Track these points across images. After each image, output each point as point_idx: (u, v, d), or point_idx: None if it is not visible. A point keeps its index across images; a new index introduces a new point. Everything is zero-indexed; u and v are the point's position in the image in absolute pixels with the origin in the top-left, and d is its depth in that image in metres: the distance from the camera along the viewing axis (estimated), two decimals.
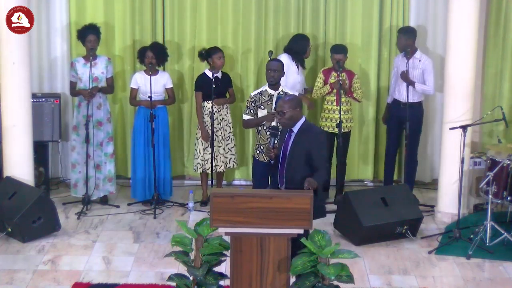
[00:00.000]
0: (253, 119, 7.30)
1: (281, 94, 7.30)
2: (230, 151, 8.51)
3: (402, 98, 8.39)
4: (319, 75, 8.51)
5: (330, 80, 8.42)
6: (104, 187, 8.49)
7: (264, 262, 5.05)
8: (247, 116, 7.33)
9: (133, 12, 8.96)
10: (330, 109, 8.48)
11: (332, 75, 8.43)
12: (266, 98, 7.24)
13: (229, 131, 8.50)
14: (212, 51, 8.40)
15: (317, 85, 8.49)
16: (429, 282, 6.63)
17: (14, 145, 7.83)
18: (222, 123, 8.43)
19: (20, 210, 7.33)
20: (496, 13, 8.94)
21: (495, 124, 8.50)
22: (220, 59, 8.36)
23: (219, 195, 5.04)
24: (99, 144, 8.38)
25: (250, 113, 7.30)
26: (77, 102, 8.45)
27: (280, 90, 7.38)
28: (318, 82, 8.49)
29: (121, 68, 9.04)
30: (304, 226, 5.01)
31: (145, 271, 6.77)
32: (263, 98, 7.26)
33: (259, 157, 7.30)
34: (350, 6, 8.96)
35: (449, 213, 7.90)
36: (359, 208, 7.35)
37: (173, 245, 5.38)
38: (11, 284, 6.48)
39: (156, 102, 8.27)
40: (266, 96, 7.27)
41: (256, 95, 7.32)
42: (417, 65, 8.38)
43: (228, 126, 8.50)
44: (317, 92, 8.49)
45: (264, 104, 7.23)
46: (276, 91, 7.36)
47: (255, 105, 7.27)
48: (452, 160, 7.79)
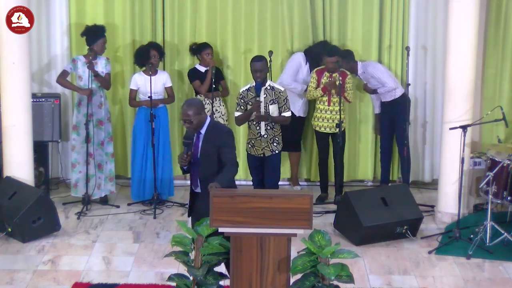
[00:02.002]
0: (242, 114, 7.48)
1: (269, 89, 7.43)
2: None
3: (386, 99, 8.71)
4: (312, 76, 8.53)
5: (322, 81, 8.43)
6: (105, 187, 8.50)
7: (264, 262, 5.05)
8: (237, 113, 7.51)
9: (133, 12, 8.96)
10: (322, 109, 8.49)
11: (324, 75, 8.45)
12: (253, 94, 7.42)
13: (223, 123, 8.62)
14: (201, 47, 8.63)
15: (311, 86, 8.50)
16: (429, 282, 6.63)
17: (14, 145, 7.83)
18: (216, 115, 8.59)
19: (20, 210, 7.33)
20: (496, 13, 8.94)
21: (495, 124, 8.50)
22: (208, 56, 8.58)
23: (219, 195, 5.04)
24: (100, 143, 8.38)
25: (240, 109, 7.48)
26: (77, 101, 8.44)
27: (268, 85, 7.48)
28: (311, 82, 8.50)
29: (121, 68, 9.04)
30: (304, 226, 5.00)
31: (145, 271, 6.77)
32: (250, 94, 7.45)
33: (250, 151, 7.57)
34: (351, 8, 8.96)
35: (449, 213, 7.90)
36: (359, 208, 7.36)
37: (173, 245, 5.37)
38: (11, 284, 6.48)
39: (156, 101, 8.27)
40: (253, 92, 7.45)
41: (244, 91, 7.50)
42: (366, 77, 8.72)
43: (221, 118, 8.66)
44: (310, 93, 8.51)
45: (252, 100, 7.39)
46: (264, 86, 7.45)
47: (244, 102, 7.45)
48: (452, 160, 7.79)
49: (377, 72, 8.64)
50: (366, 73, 8.67)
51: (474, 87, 7.95)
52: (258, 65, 7.42)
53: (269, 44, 8.96)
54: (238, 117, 7.54)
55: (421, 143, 9.25)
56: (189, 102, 5.73)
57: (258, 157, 7.56)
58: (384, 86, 8.60)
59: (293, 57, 8.80)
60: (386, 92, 8.64)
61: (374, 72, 8.64)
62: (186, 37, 9.04)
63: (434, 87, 9.09)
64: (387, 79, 8.60)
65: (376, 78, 8.63)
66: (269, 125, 7.44)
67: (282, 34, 9.00)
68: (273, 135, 7.48)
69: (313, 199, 5.06)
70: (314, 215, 6.11)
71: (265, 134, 7.46)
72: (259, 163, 7.61)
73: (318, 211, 8.22)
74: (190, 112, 5.61)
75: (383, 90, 8.63)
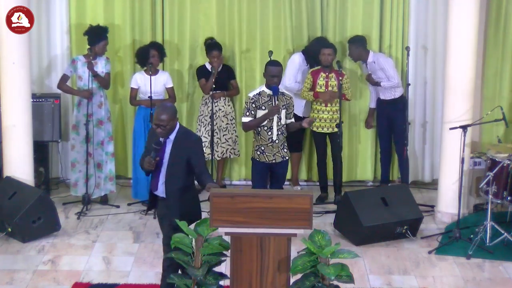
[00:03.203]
0: (255, 119, 7.10)
1: (280, 95, 7.22)
2: (227, 142, 8.68)
3: (385, 97, 8.69)
4: (308, 76, 8.51)
5: (318, 82, 8.42)
6: (105, 186, 8.50)
7: (264, 262, 5.05)
8: (247, 118, 7.11)
9: (133, 12, 8.96)
10: (319, 109, 8.48)
11: (320, 76, 8.43)
12: (266, 98, 7.14)
13: (226, 123, 8.69)
14: (209, 48, 8.63)
15: (305, 86, 8.49)
16: (429, 282, 6.63)
17: (14, 145, 7.84)
18: (219, 114, 8.61)
19: (20, 210, 7.34)
20: (496, 13, 8.94)
21: (495, 124, 8.51)
22: (213, 58, 8.56)
23: (219, 195, 5.04)
24: (99, 143, 8.38)
25: (250, 114, 7.11)
26: (77, 101, 8.44)
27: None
28: (306, 83, 8.50)
29: (121, 68, 9.05)
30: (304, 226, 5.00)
31: (145, 271, 6.78)
32: (263, 98, 7.13)
33: (260, 159, 7.18)
34: (351, 8, 8.96)
35: (449, 213, 7.90)
36: (359, 208, 7.36)
37: (173, 245, 5.38)
38: (11, 284, 6.49)
39: (156, 101, 8.27)
40: (265, 96, 7.15)
41: (256, 95, 7.13)
42: (375, 67, 8.63)
43: (225, 118, 8.67)
44: (303, 94, 8.50)
45: (265, 104, 7.11)
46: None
47: (255, 106, 7.10)
48: (452, 160, 7.79)
49: (387, 65, 8.58)
50: (377, 63, 8.60)
51: (474, 87, 7.95)
52: (275, 71, 7.10)
53: (270, 44, 8.96)
54: (249, 123, 7.13)
55: (421, 143, 9.25)
56: (164, 107, 5.65)
57: (268, 164, 7.18)
58: (389, 80, 8.55)
59: (292, 58, 8.79)
60: (389, 87, 8.59)
61: (385, 64, 8.58)
62: (186, 37, 9.04)
63: (434, 87, 9.09)
64: (394, 75, 8.58)
65: (385, 70, 8.55)
66: (280, 130, 7.14)
67: (283, 34, 8.99)
68: (283, 141, 7.20)
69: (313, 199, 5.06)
70: (314, 215, 6.11)
71: (276, 139, 7.12)
72: (266, 172, 7.25)
73: (318, 211, 8.22)
74: (165, 116, 5.55)
75: (388, 84, 8.57)
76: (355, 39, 8.67)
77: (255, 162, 7.24)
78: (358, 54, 8.66)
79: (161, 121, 5.55)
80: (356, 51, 8.63)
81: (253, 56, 9.02)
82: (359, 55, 8.67)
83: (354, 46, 8.63)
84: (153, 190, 5.83)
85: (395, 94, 8.66)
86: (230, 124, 8.75)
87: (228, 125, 8.72)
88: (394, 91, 8.63)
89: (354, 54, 8.67)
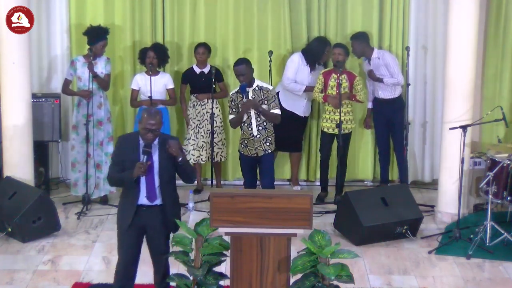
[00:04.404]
0: (235, 117, 7.47)
1: (257, 90, 7.38)
2: (217, 145, 8.70)
3: (385, 95, 8.65)
4: (319, 77, 8.50)
5: (330, 83, 8.41)
6: (105, 187, 8.49)
7: (264, 262, 5.05)
8: (231, 115, 7.51)
9: (133, 13, 8.96)
10: (330, 110, 8.48)
11: (332, 77, 8.42)
12: (241, 96, 7.37)
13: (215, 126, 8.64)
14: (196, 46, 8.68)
15: (317, 87, 8.49)
16: (429, 282, 6.63)
17: (14, 145, 7.83)
18: (206, 116, 8.62)
19: (20, 210, 7.34)
20: (496, 13, 8.94)
21: (495, 124, 8.51)
22: (198, 54, 8.62)
23: (219, 195, 5.04)
24: (99, 143, 8.38)
25: (233, 112, 7.48)
26: (77, 101, 8.45)
27: (255, 85, 7.42)
28: (318, 84, 8.49)
29: (121, 69, 9.04)
30: (304, 226, 5.00)
31: (145, 271, 6.76)
32: (239, 96, 7.40)
33: (243, 152, 7.54)
34: (350, 8, 8.97)
35: (449, 213, 7.90)
36: (359, 208, 7.35)
37: (173, 245, 5.38)
38: (11, 284, 6.49)
39: (156, 101, 8.27)
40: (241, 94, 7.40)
41: (234, 94, 7.48)
42: (378, 63, 8.58)
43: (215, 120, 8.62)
44: (315, 95, 8.50)
45: (241, 102, 7.38)
46: (251, 87, 7.41)
47: (234, 104, 7.44)
48: (452, 160, 7.79)
49: (392, 62, 8.55)
50: (382, 59, 8.56)
51: (474, 87, 7.95)
52: (239, 70, 7.38)
53: (269, 44, 8.96)
54: (231, 120, 7.53)
55: (421, 143, 9.24)
56: (152, 112, 5.58)
57: (251, 157, 7.51)
58: (393, 77, 8.52)
59: (291, 58, 8.78)
60: (392, 84, 8.54)
61: (390, 60, 8.54)
62: (186, 37, 9.04)
63: (434, 87, 9.09)
64: (398, 72, 8.55)
65: (389, 66, 8.51)
66: (261, 125, 7.40)
67: (283, 34, 9.00)
68: (266, 136, 7.43)
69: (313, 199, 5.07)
70: (314, 215, 6.11)
71: (257, 134, 7.40)
72: (252, 164, 7.59)
73: (318, 211, 8.22)
74: (156, 121, 5.52)
75: (390, 81, 8.53)
76: (358, 35, 8.65)
77: (240, 155, 7.65)
78: (361, 50, 8.63)
79: (152, 125, 5.51)
80: (360, 47, 8.61)
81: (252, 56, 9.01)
82: (362, 51, 8.65)
83: (357, 42, 8.61)
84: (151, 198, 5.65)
85: (395, 93, 8.65)
86: (219, 127, 8.73)
87: (217, 127, 8.69)
88: (394, 89, 8.62)
89: (358, 50, 8.64)
